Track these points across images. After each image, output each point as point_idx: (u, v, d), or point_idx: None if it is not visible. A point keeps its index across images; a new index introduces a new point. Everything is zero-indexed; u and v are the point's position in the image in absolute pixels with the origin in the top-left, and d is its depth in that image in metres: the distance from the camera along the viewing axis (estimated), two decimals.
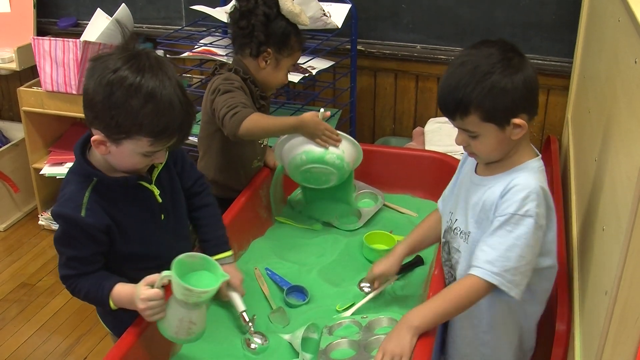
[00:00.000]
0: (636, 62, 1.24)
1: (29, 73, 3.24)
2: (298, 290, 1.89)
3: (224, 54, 2.54)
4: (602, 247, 1.36)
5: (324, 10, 2.56)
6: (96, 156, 1.50)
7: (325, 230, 2.19)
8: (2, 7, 3.26)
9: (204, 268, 1.51)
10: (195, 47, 2.67)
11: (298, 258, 2.04)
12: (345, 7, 2.68)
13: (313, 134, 1.98)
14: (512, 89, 1.42)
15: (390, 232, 2.09)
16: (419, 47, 2.80)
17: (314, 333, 1.68)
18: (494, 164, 1.54)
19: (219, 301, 1.76)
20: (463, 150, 1.57)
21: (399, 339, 1.45)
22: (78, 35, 2.99)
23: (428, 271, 1.93)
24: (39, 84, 2.98)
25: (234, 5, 2.05)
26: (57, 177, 3.08)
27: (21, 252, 3.09)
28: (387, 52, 2.83)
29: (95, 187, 1.49)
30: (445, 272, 1.69)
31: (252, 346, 1.67)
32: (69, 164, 3.09)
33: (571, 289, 1.67)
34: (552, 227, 1.52)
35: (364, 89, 2.95)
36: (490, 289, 1.45)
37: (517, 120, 1.44)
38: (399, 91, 2.91)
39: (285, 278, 1.94)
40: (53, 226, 3.19)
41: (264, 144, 2.18)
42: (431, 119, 2.82)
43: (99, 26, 2.98)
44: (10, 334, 2.58)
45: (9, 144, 3.31)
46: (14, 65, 3.12)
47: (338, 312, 1.78)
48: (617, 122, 1.39)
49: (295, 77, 2.45)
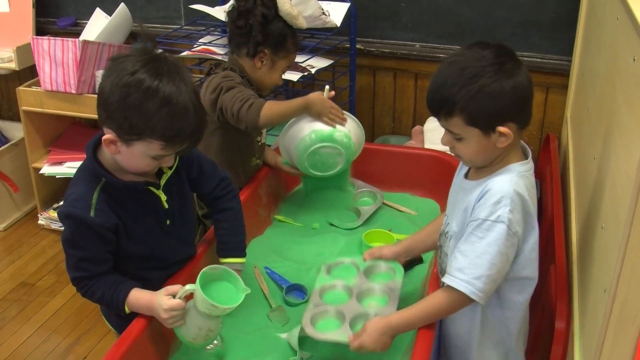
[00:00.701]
0: (635, 60, 1.24)
1: (28, 73, 3.24)
2: (297, 289, 1.89)
3: (223, 53, 2.54)
4: (601, 245, 1.36)
5: (322, 9, 2.56)
6: (106, 157, 1.51)
7: (324, 229, 2.19)
8: (1, 6, 3.26)
9: (225, 279, 1.55)
10: (195, 46, 2.67)
11: (297, 257, 2.04)
12: (344, 6, 2.68)
13: (320, 112, 1.98)
14: (500, 95, 1.37)
15: (390, 231, 2.09)
16: (418, 46, 2.80)
17: None
18: (480, 169, 1.51)
19: None
20: (448, 148, 1.53)
21: (378, 337, 1.48)
22: (77, 34, 3.00)
23: (427, 269, 1.93)
24: (38, 84, 2.98)
25: (232, 4, 2.05)
26: (57, 176, 3.08)
27: (21, 251, 3.08)
28: (386, 50, 2.82)
29: (104, 187, 1.50)
30: (439, 275, 1.68)
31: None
32: (68, 164, 3.09)
33: (570, 286, 1.67)
34: (531, 235, 1.47)
35: (363, 88, 2.95)
36: (465, 297, 1.44)
37: (502, 129, 1.39)
38: (398, 90, 2.91)
39: (284, 277, 1.94)
40: (53, 226, 3.19)
41: (262, 141, 2.18)
42: (430, 118, 2.82)
43: (98, 26, 2.99)
44: (10, 334, 2.58)
45: (9, 144, 3.30)
46: (13, 65, 3.11)
47: None
48: (616, 120, 1.39)
49: (294, 76, 2.45)
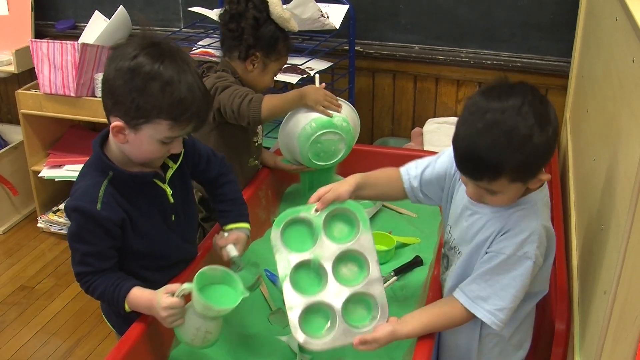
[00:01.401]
0: (634, 61, 1.24)
1: (27, 76, 3.24)
2: None
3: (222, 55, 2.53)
4: (601, 247, 1.36)
5: (321, 11, 2.56)
6: (113, 151, 1.52)
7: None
8: (0, 9, 3.26)
9: (224, 282, 1.54)
10: (194, 48, 2.67)
11: None
12: (343, 8, 2.68)
13: (316, 100, 1.97)
14: (548, 147, 1.31)
15: (390, 233, 2.09)
16: (417, 48, 2.80)
17: None
18: None
19: None
20: (472, 199, 1.44)
21: (385, 344, 1.47)
22: (76, 37, 3.00)
23: (427, 272, 1.93)
24: (37, 87, 2.98)
25: (224, 7, 2.06)
26: (56, 179, 3.08)
27: (20, 254, 3.08)
28: (385, 52, 2.82)
29: (111, 181, 1.51)
30: (442, 282, 1.67)
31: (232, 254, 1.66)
32: (67, 167, 3.09)
33: (570, 288, 1.67)
34: (550, 256, 1.48)
35: (362, 90, 2.95)
36: (480, 320, 1.46)
37: (543, 177, 1.37)
38: (397, 92, 2.91)
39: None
40: (52, 229, 3.19)
41: (258, 142, 2.18)
42: (429, 120, 2.82)
43: (97, 28, 2.98)
44: (10, 337, 2.58)
45: (8, 147, 3.30)
46: (12, 68, 3.11)
47: None
48: (615, 121, 1.39)
49: (293, 78, 2.45)
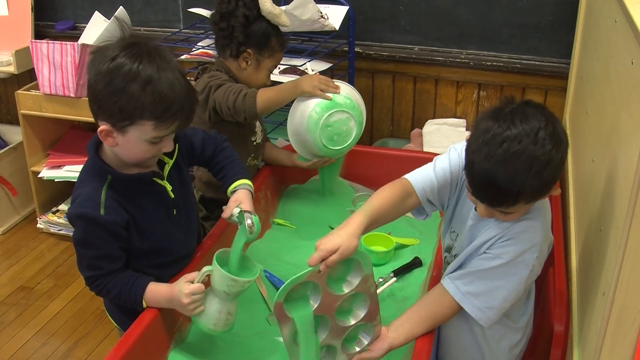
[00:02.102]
0: (633, 62, 1.24)
1: (27, 76, 3.24)
2: None
3: None
4: (600, 248, 1.36)
5: (321, 13, 2.57)
6: (108, 154, 1.52)
7: (323, 232, 2.18)
8: (0, 10, 3.26)
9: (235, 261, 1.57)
10: (193, 49, 2.67)
11: (296, 260, 2.03)
12: (343, 9, 2.68)
13: (312, 85, 1.97)
14: (562, 165, 1.33)
15: (389, 234, 2.09)
16: (416, 49, 2.80)
17: None
18: None
19: None
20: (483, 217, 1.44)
21: (382, 355, 1.49)
22: (76, 38, 3.00)
23: (426, 273, 1.93)
24: (37, 87, 2.98)
25: (215, 7, 2.06)
26: (56, 180, 3.08)
27: (19, 255, 3.08)
28: (385, 54, 2.82)
29: (111, 185, 1.51)
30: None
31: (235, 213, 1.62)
32: (67, 167, 3.09)
33: (569, 290, 1.67)
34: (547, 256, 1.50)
35: (362, 91, 2.90)
36: (468, 314, 1.47)
37: (555, 192, 1.39)
38: (397, 93, 2.91)
39: (283, 280, 1.93)
40: (51, 229, 3.18)
41: (256, 141, 2.18)
42: (429, 121, 2.82)
43: (96, 29, 2.98)
44: (9, 338, 2.58)
45: (7, 147, 3.30)
46: (12, 69, 3.12)
47: None
48: (614, 123, 1.39)
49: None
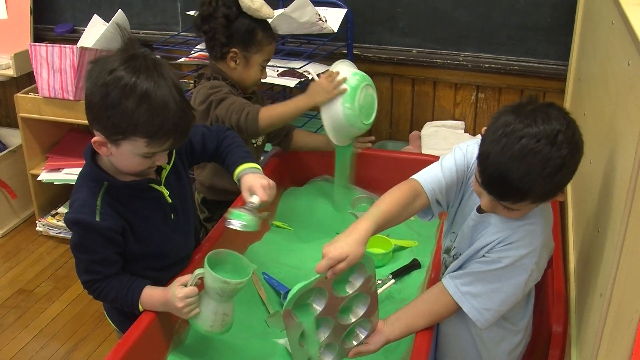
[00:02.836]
0: (629, 64, 1.24)
1: (26, 79, 3.24)
2: None
3: None
4: (598, 249, 1.37)
5: (319, 15, 2.57)
6: (105, 160, 1.52)
7: (322, 234, 2.19)
8: None
9: (230, 262, 1.57)
10: (192, 52, 2.68)
11: (295, 262, 2.04)
12: (341, 12, 2.69)
13: (326, 91, 1.96)
14: (574, 172, 1.34)
15: (387, 236, 2.09)
16: (415, 51, 2.80)
17: None
18: None
19: None
20: (485, 210, 1.44)
21: (378, 349, 1.51)
22: (75, 41, 3.00)
23: (425, 274, 1.93)
24: (36, 90, 2.98)
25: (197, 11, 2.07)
26: (55, 182, 3.08)
27: (19, 258, 3.08)
28: (383, 56, 2.83)
29: (107, 191, 1.51)
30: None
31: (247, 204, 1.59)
32: (66, 170, 3.09)
33: (567, 291, 1.67)
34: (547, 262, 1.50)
35: None
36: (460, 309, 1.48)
37: (560, 198, 1.39)
38: (395, 95, 2.91)
39: (282, 282, 1.94)
40: (51, 232, 3.19)
41: (257, 144, 2.18)
42: (427, 123, 2.83)
43: (95, 32, 2.98)
44: (8, 340, 2.58)
45: (6, 150, 3.30)
46: (11, 72, 3.12)
47: None
48: (611, 124, 1.40)
49: (291, 82, 2.46)
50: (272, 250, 2.08)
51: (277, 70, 2.52)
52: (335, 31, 2.64)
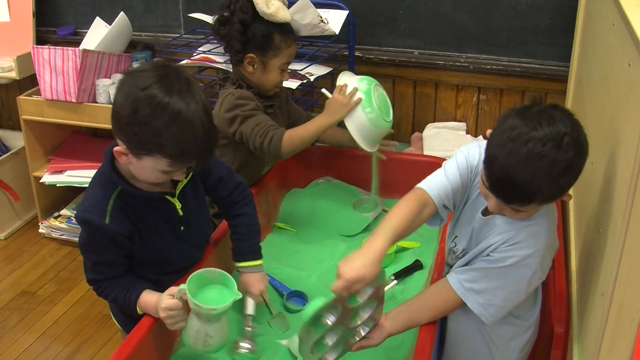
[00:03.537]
0: (630, 65, 1.25)
1: (29, 82, 3.24)
2: (298, 296, 1.90)
3: (222, 61, 2.54)
4: (599, 249, 1.37)
5: (321, 17, 2.57)
6: (122, 164, 1.52)
7: (324, 235, 2.19)
8: (2, 16, 3.27)
9: (222, 283, 1.55)
10: (194, 54, 2.68)
11: (297, 263, 2.04)
12: (343, 14, 2.69)
13: (344, 105, 1.99)
14: (579, 174, 1.34)
15: None
16: (416, 53, 2.81)
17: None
18: None
19: None
20: (492, 211, 1.45)
21: (380, 342, 1.52)
22: (77, 43, 3.01)
23: (427, 275, 1.94)
24: (38, 93, 2.99)
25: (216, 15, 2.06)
26: (57, 185, 3.09)
27: (21, 260, 3.09)
28: (385, 58, 2.83)
29: (120, 195, 1.52)
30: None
31: (240, 350, 1.66)
32: (69, 172, 3.10)
33: (569, 291, 1.68)
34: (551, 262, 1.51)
35: None
36: (464, 305, 1.49)
37: (566, 198, 1.40)
38: (397, 97, 2.92)
39: (284, 283, 1.94)
40: (53, 234, 3.19)
41: None
42: (429, 124, 2.83)
43: (98, 34, 3.00)
44: (11, 342, 2.58)
45: (9, 153, 3.31)
46: (13, 74, 3.12)
47: None
48: (612, 125, 1.40)
49: (293, 84, 2.46)
50: (274, 252, 2.09)
51: None
52: (337, 33, 2.65)
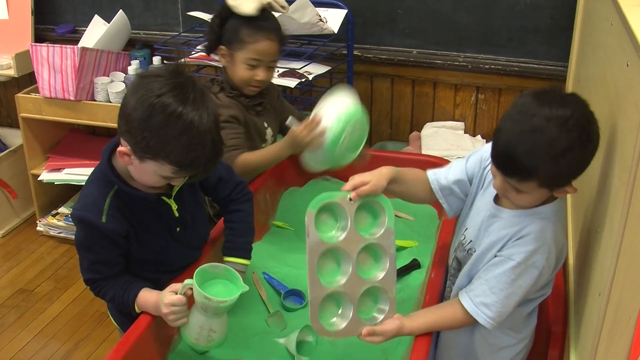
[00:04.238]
0: (628, 65, 1.25)
1: (27, 79, 3.25)
2: (295, 294, 1.90)
3: None
4: (597, 249, 1.37)
5: (320, 16, 2.58)
6: (120, 164, 1.52)
7: None
8: (0, 14, 3.27)
9: (226, 278, 1.56)
10: (193, 53, 2.68)
11: (295, 262, 2.04)
12: (342, 13, 2.69)
13: (303, 145, 1.91)
14: (583, 162, 1.35)
15: None
16: (415, 52, 2.81)
17: (309, 336, 1.69)
18: None
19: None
20: (497, 192, 1.48)
21: (390, 338, 1.52)
22: (76, 41, 3.01)
23: (425, 275, 1.94)
24: (37, 91, 2.99)
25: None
26: (56, 183, 3.09)
27: (19, 258, 3.09)
28: (384, 57, 2.83)
29: (116, 194, 1.52)
30: (450, 285, 1.68)
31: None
32: (67, 170, 3.10)
33: (567, 291, 1.68)
34: (558, 265, 1.50)
35: (361, 94, 2.91)
36: (480, 323, 1.49)
37: (570, 189, 1.40)
38: (396, 96, 2.92)
39: (282, 282, 1.94)
40: (51, 232, 3.19)
41: (267, 144, 2.17)
42: (427, 124, 2.83)
43: (96, 33, 3.00)
44: (9, 340, 2.58)
45: (7, 150, 3.31)
46: (12, 72, 3.12)
47: None
48: (610, 125, 1.40)
49: (291, 83, 2.46)
50: (272, 250, 2.09)
51: (278, 71, 2.52)
52: (336, 32, 2.65)
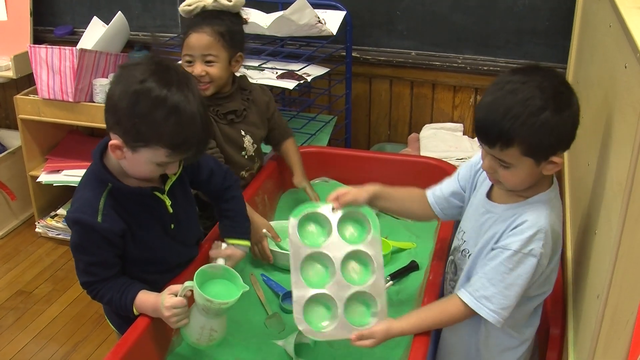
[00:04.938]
0: (626, 67, 1.25)
1: (26, 81, 3.24)
2: None
3: None
4: (595, 252, 1.37)
5: (318, 18, 2.57)
6: (112, 162, 1.53)
7: None
8: None
9: (225, 278, 1.57)
10: None
11: None
12: (340, 14, 2.69)
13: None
14: (562, 127, 1.36)
15: (386, 238, 2.09)
16: (413, 54, 2.81)
17: (307, 338, 1.69)
18: (509, 191, 1.49)
19: None
20: (487, 177, 1.51)
21: (382, 340, 1.53)
22: (74, 43, 3.01)
23: (423, 276, 1.94)
24: (35, 92, 2.98)
25: None
26: (54, 184, 3.08)
27: (18, 259, 3.08)
28: (382, 58, 2.83)
29: (110, 193, 1.52)
30: (448, 289, 1.68)
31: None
32: (66, 172, 3.10)
33: (565, 293, 1.68)
34: (556, 256, 1.50)
35: (359, 96, 2.95)
36: (481, 316, 1.48)
37: (555, 159, 1.39)
38: (394, 98, 2.92)
39: (280, 284, 1.94)
40: (50, 234, 3.19)
41: (248, 155, 2.15)
42: (426, 125, 2.83)
43: (95, 34, 2.99)
44: (7, 342, 2.58)
45: (6, 152, 3.30)
46: (10, 73, 3.12)
47: None
48: (608, 126, 1.40)
49: (290, 84, 2.46)
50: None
51: (276, 73, 2.52)
52: (335, 33, 2.65)
